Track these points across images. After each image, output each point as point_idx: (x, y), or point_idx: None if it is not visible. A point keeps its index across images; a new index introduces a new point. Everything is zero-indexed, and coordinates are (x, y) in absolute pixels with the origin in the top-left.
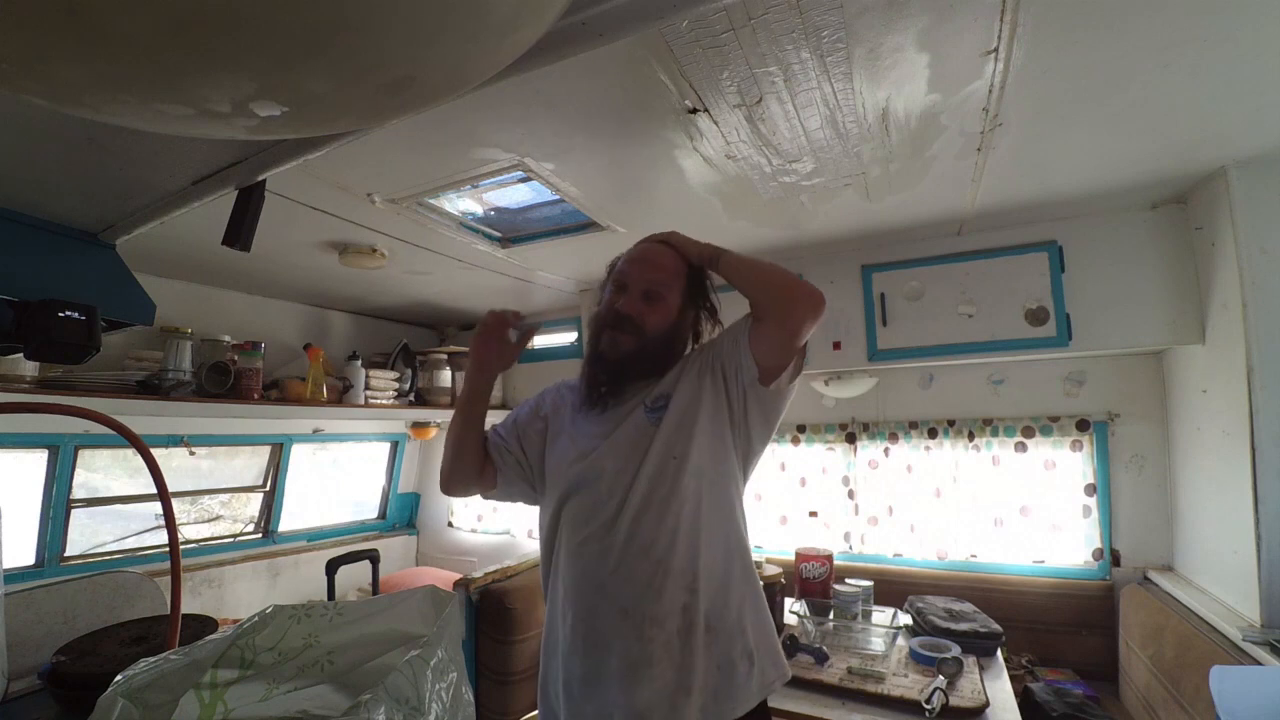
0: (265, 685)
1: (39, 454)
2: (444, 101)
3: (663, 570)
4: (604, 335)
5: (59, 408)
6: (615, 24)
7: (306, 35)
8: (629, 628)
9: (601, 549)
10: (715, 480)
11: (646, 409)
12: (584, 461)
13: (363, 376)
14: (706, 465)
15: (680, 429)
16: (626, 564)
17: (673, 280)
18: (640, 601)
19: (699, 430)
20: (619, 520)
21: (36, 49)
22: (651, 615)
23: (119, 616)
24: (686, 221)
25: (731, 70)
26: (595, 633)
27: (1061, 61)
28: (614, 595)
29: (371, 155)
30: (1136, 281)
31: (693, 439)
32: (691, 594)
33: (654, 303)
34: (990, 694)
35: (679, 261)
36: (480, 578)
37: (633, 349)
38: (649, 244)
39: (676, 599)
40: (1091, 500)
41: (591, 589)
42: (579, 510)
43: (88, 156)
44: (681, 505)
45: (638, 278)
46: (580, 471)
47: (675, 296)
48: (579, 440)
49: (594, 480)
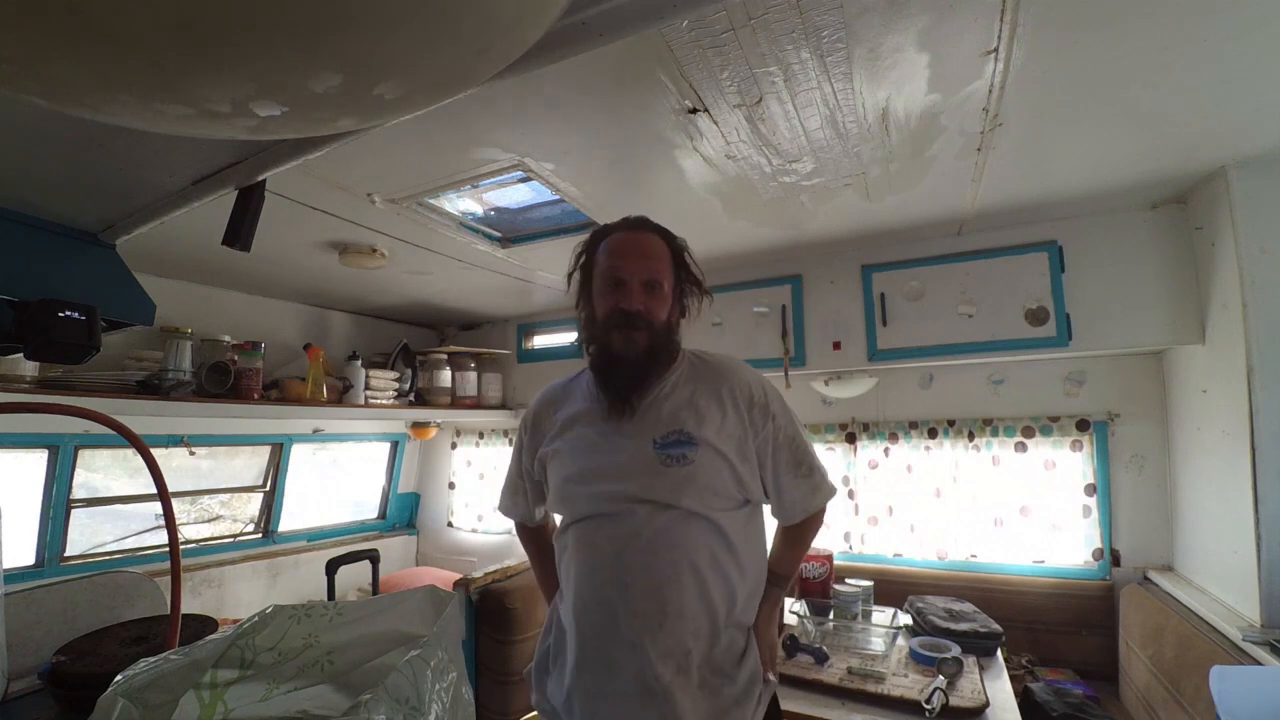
0: (265, 685)
1: (39, 454)
2: (444, 101)
3: (673, 612)
4: (614, 336)
5: (59, 408)
6: (615, 24)
7: (307, 35)
8: (636, 658)
9: (613, 578)
10: (732, 530)
11: (657, 445)
12: (592, 488)
13: (363, 376)
14: (726, 519)
15: (698, 486)
16: (636, 598)
17: (665, 266)
18: (647, 637)
19: (719, 485)
20: (629, 555)
21: (37, 49)
22: (659, 651)
23: (119, 616)
24: (687, 221)
25: (731, 70)
26: (605, 655)
27: (1061, 61)
28: (623, 626)
29: (371, 155)
30: (1136, 281)
31: (712, 493)
32: (697, 639)
33: (655, 293)
34: (990, 694)
35: (662, 243)
36: (480, 578)
37: (648, 345)
38: (631, 233)
39: (683, 642)
40: (1091, 500)
41: (603, 615)
42: (589, 535)
43: (88, 156)
44: (695, 553)
45: (634, 270)
46: (588, 500)
47: (669, 282)
48: (586, 461)
49: (602, 512)
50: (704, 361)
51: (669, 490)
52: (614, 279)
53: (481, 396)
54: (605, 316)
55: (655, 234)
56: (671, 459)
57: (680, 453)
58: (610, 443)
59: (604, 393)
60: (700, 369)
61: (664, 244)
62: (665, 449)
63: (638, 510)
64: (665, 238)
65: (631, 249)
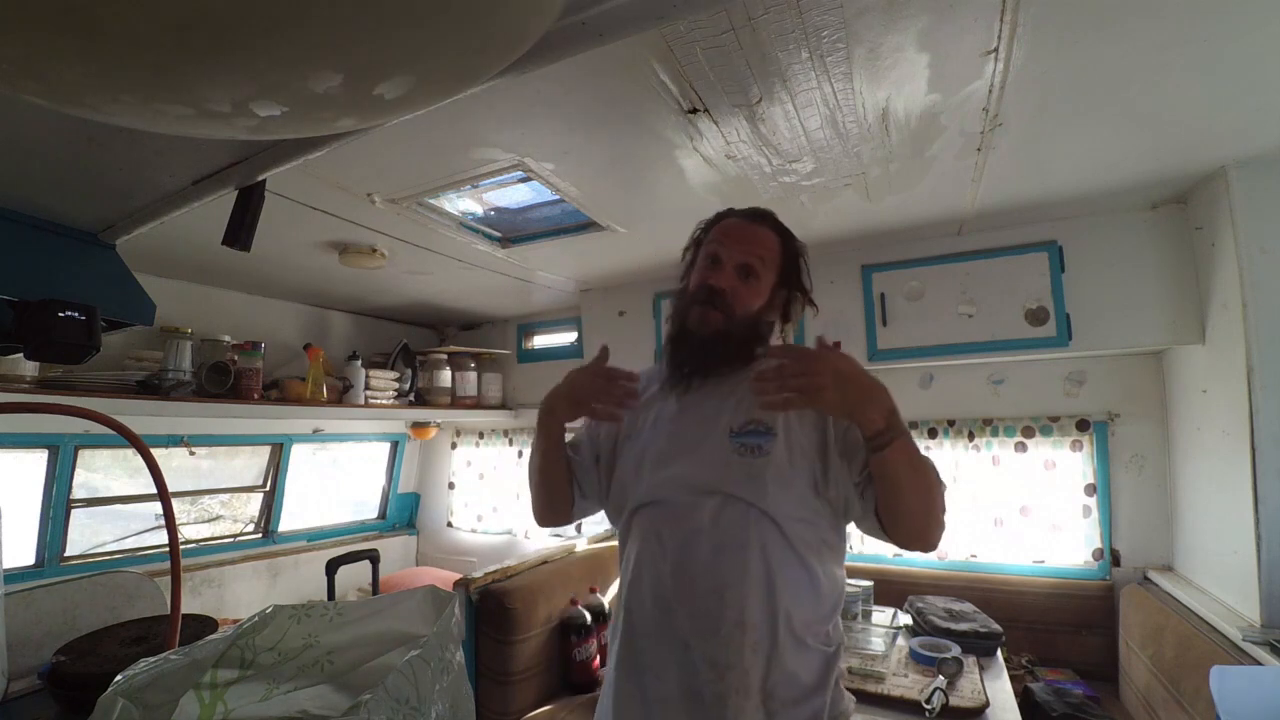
0: (265, 685)
1: (39, 454)
2: (444, 101)
3: (732, 619)
4: (692, 311)
5: (59, 408)
6: (615, 24)
7: (307, 35)
8: (687, 659)
9: (672, 572)
10: (808, 537)
11: (734, 434)
12: (658, 474)
13: (363, 376)
14: (801, 524)
15: (771, 479)
16: (694, 597)
17: (769, 256)
18: (699, 640)
19: (796, 483)
20: (693, 552)
21: (37, 49)
22: (710, 658)
23: (119, 616)
24: (687, 222)
25: (731, 70)
26: (651, 654)
27: (1061, 61)
28: (677, 624)
29: (371, 155)
30: (1136, 281)
31: (788, 489)
32: (756, 654)
33: (749, 280)
34: (990, 694)
35: (775, 238)
36: (480, 578)
37: (721, 327)
38: (745, 221)
39: (741, 655)
40: (1091, 500)
41: (657, 611)
42: (652, 523)
43: (87, 156)
44: (765, 556)
45: (734, 252)
46: (653, 486)
47: (770, 275)
48: (654, 444)
49: (667, 499)
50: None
51: (741, 482)
52: (711, 257)
53: (481, 396)
54: (692, 291)
55: (771, 229)
56: (746, 448)
57: (756, 443)
58: (682, 428)
59: (667, 367)
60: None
61: (777, 239)
62: (741, 437)
63: (706, 502)
64: (782, 235)
65: (738, 233)
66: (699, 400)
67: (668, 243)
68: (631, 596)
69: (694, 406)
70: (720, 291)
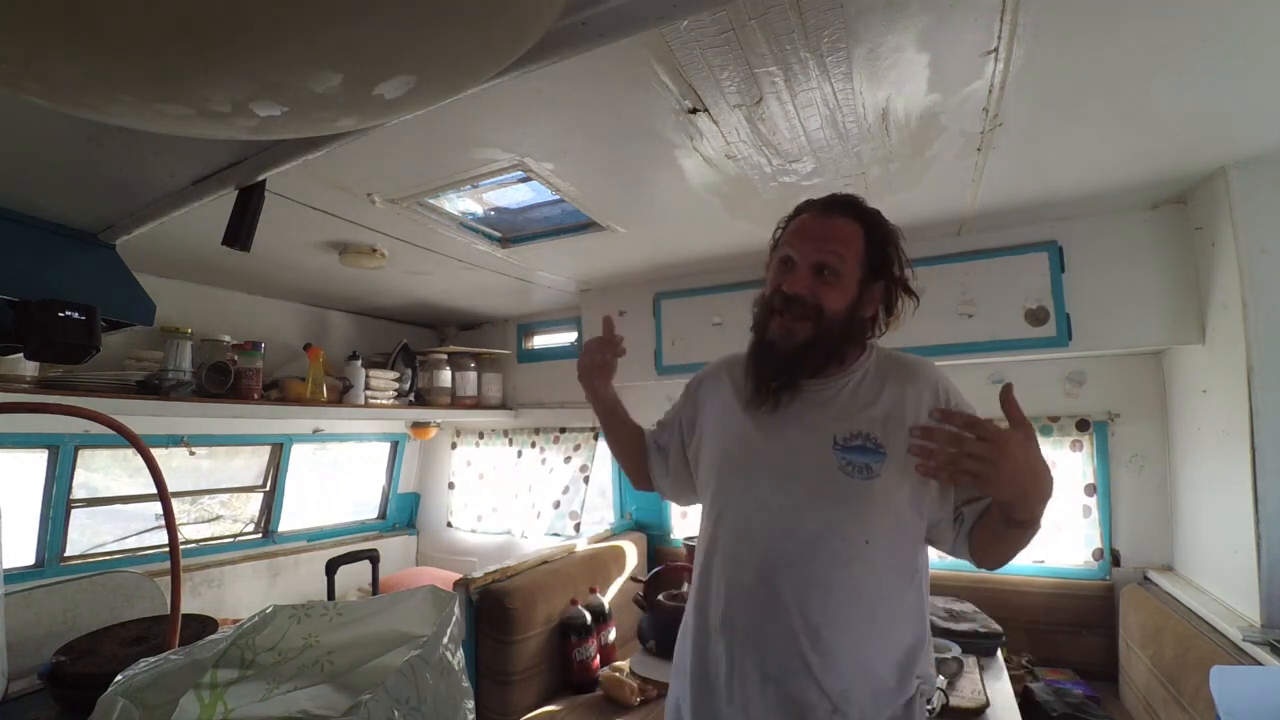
0: (265, 685)
1: (39, 454)
2: (444, 101)
3: (822, 661)
4: (772, 322)
5: (59, 408)
6: (615, 24)
7: (307, 34)
8: (769, 692)
9: (763, 598)
10: (903, 569)
11: (839, 446)
12: (746, 479)
13: (363, 376)
14: (898, 554)
15: (877, 501)
16: (780, 630)
17: (847, 250)
18: (791, 680)
19: (901, 507)
20: (780, 578)
21: (37, 48)
22: (793, 696)
23: (119, 616)
24: (688, 221)
25: (731, 70)
26: (737, 678)
27: (1061, 61)
28: (766, 661)
29: (371, 155)
30: (1136, 281)
31: (893, 516)
32: (846, 703)
33: (827, 279)
34: (990, 694)
35: (855, 227)
36: (480, 578)
37: (810, 336)
38: (817, 214)
39: (822, 703)
40: (1091, 500)
41: (743, 642)
42: (733, 545)
43: (88, 156)
44: (865, 590)
45: (806, 251)
46: (740, 496)
47: (852, 269)
48: (741, 444)
49: (757, 514)
50: (891, 359)
51: (843, 506)
52: (785, 259)
53: (481, 396)
54: (767, 297)
55: (850, 217)
56: (854, 468)
57: (865, 462)
58: (775, 443)
59: (749, 379)
60: (887, 366)
61: (858, 228)
62: (848, 453)
63: (799, 527)
64: (865, 222)
65: (810, 230)
66: (795, 413)
67: (668, 243)
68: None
69: (791, 419)
70: (797, 298)
